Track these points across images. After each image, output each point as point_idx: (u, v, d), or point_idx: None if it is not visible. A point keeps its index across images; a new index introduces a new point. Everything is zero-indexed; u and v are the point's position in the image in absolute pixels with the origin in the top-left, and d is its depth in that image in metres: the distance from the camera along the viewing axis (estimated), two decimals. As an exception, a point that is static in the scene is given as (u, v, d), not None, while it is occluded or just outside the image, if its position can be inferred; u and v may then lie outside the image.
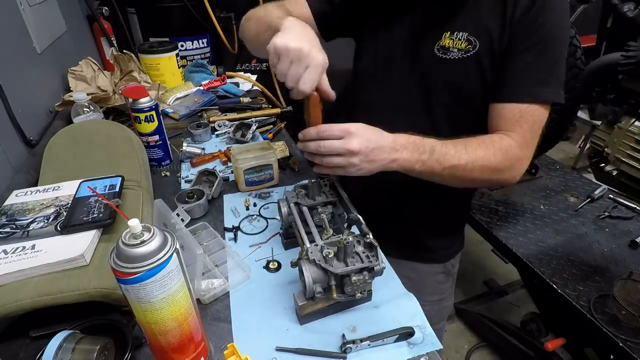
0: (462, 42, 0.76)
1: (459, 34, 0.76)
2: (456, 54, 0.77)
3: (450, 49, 0.77)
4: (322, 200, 0.76)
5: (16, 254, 0.65)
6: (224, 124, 1.34)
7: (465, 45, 0.76)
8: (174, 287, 0.49)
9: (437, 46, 0.79)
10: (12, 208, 0.76)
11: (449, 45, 0.77)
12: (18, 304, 0.61)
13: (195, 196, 0.93)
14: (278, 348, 0.63)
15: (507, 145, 0.75)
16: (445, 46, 0.78)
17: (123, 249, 0.45)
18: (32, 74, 1.16)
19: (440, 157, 0.71)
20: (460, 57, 0.77)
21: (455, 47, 0.77)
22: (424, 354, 0.63)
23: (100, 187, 0.80)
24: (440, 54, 0.79)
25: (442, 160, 0.71)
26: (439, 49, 0.79)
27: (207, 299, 0.71)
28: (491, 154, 0.74)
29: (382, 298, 0.72)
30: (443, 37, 0.78)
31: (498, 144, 0.75)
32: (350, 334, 0.65)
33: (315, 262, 0.62)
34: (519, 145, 0.75)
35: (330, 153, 0.66)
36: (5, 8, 1.06)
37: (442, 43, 0.78)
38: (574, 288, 1.21)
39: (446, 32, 0.78)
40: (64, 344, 0.54)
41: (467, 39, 0.76)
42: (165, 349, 0.54)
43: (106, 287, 0.63)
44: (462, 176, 0.73)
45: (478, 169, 0.73)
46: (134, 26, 1.89)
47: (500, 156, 0.74)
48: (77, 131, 1.00)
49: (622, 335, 1.05)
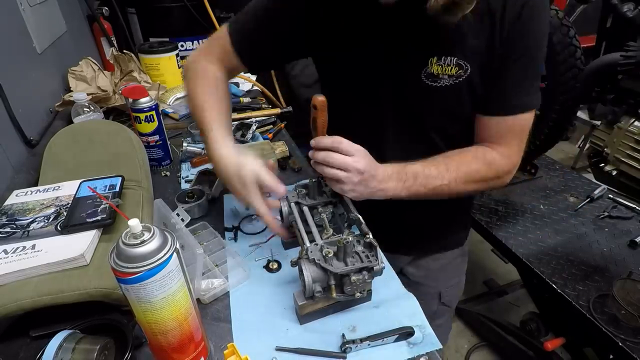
0: (452, 67, 0.70)
1: (447, 59, 0.70)
2: (447, 81, 0.71)
3: (439, 75, 0.71)
4: (323, 200, 0.76)
5: (16, 254, 0.66)
6: (224, 124, 1.34)
7: (456, 71, 0.70)
8: (174, 286, 0.49)
9: (424, 73, 0.72)
10: (12, 208, 0.76)
11: (438, 72, 0.71)
12: (18, 304, 0.61)
13: (195, 196, 0.93)
14: (278, 348, 0.63)
15: (491, 158, 0.75)
16: (433, 73, 0.71)
17: (123, 249, 0.46)
18: (33, 74, 1.16)
19: (424, 181, 0.72)
20: (452, 84, 0.71)
21: (445, 73, 0.71)
22: (423, 353, 0.63)
23: (101, 187, 0.80)
24: (429, 82, 0.72)
25: (426, 183, 0.72)
26: (427, 76, 0.72)
27: (207, 298, 0.71)
28: (475, 169, 0.74)
29: (382, 298, 0.72)
30: (430, 63, 0.71)
31: (482, 158, 0.75)
32: (350, 334, 0.65)
33: (315, 261, 0.62)
34: (504, 157, 0.75)
35: (339, 167, 0.67)
36: (6, 8, 1.06)
37: (430, 70, 0.71)
38: (574, 288, 1.21)
39: (432, 57, 0.70)
40: (64, 344, 0.54)
41: (457, 64, 0.70)
42: (166, 349, 0.54)
43: (106, 287, 0.63)
44: (448, 193, 0.75)
45: (462, 184, 0.74)
46: (134, 26, 1.89)
47: (484, 169, 0.75)
48: (77, 131, 1.01)
49: (621, 335, 1.06)
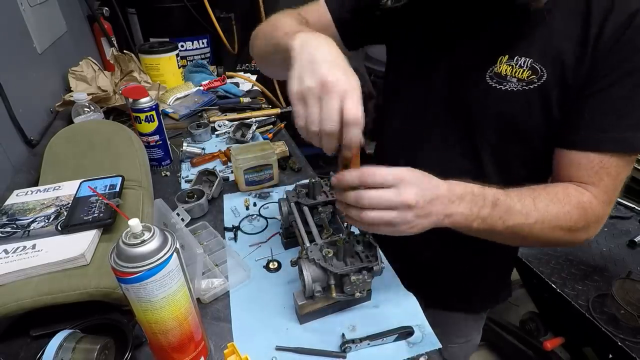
0: (525, 70, 0.60)
1: (521, 60, 0.61)
2: (515, 85, 0.62)
3: (507, 77, 0.62)
4: (323, 199, 0.76)
5: (17, 254, 0.66)
6: (224, 124, 1.34)
7: (528, 75, 0.60)
8: (174, 286, 0.49)
9: (490, 72, 0.63)
10: (12, 208, 0.76)
11: (507, 72, 0.62)
12: (19, 304, 0.61)
13: (195, 196, 0.93)
14: (278, 347, 0.63)
15: (587, 201, 0.60)
16: (501, 73, 0.62)
17: (123, 249, 0.46)
18: (33, 74, 1.16)
19: (503, 214, 0.57)
20: (521, 89, 0.61)
21: (514, 75, 0.61)
22: (423, 353, 0.63)
23: (101, 187, 0.80)
24: (493, 83, 0.63)
25: (505, 217, 0.57)
26: (492, 76, 0.63)
27: (207, 298, 0.71)
28: (566, 211, 0.59)
29: (382, 297, 0.72)
30: (499, 61, 0.62)
31: (575, 200, 0.60)
32: (349, 333, 0.65)
33: (314, 261, 0.62)
34: (600, 202, 0.61)
35: (379, 207, 0.51)
36: (6, 8, 1.06)
37: (497, 69, 0.63)
38: (573, 287, 1.21)
39: (504, 55, 0.62)
40: (64, 343, 0.54)
41: (531, 67, 0.60)
42: (166, 348, 0.54)
43: (106, 287, 0.64)
44: (526, 237, 0.60)
45: (548, 229, 0.59)
46: (134, 26, 1.89)
47: (576, 215, 0.60)
48: (77, 131, 1.01)
49: (620, 335, 1.06)
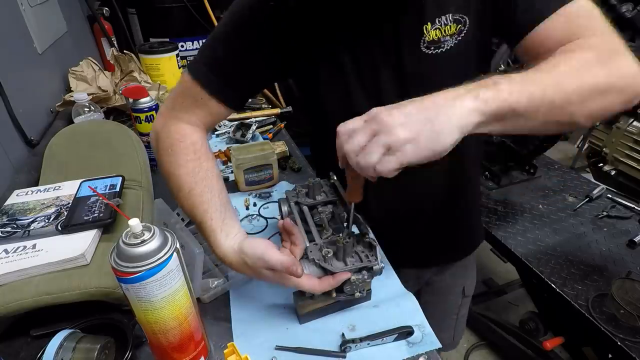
0: (450, 25, 0.62)
1: (443, 19, 0.62)
2: (450, 42, 0.63)
3: (441, 39, 0.63)
4: (323, 199, 0.76)
5: (17, 254, 0.66)
6: (224, 124, 1.34)
7: (456, 28, 0.62)
8: (174, 286, 0.50)
9: (423, 44, 0.64)
10: (13, 208, 0.77)
11: (438, 36, 0.63)
12: (19, 303, 0.61)
13: (195, 196, 0.93)
14: (278, 347, 0.63)
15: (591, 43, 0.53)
16: (434, 40, 0.63)
17: (123, 249, 0.46)
18: (33, 74, 1.17)
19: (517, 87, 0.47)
20: (457, 42, 0.63)
21: (446, 34, 0.62)
22: (423, 352, 0.63)
23: (101, 187, 0.80)
24: (431, 51, 0.64)
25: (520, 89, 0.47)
26: (428, 46, 0.64)
27: (207, 298, 0.71)
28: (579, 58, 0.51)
29: (382, 297, 0.72)
30: (426, 31, 0.63)
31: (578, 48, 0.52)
32: (349, 333, 0.65)
33: (314, 261, 0.62)
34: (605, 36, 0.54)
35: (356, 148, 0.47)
36: (6, 9, 1.07)
37: (428, 38, 0.63)
38: (573, 287, 1.21)
39: (427, 24, 0.62)
40: (64, 343, 0.54)
41: (454, 20, 0.62)
42: (166, 348, 0.54)
43: (107, 287, 0.64)
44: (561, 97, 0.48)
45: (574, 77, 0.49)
46: (135, 27, 1.89)
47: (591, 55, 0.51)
48: (77, 131, 1.01)
49: (620, 334, 1.06)
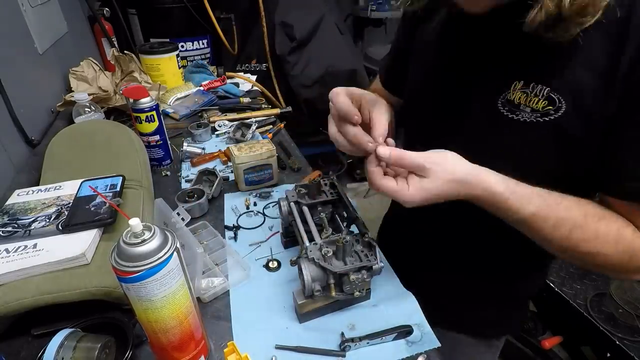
0: (540, 100, 0.53)
1: (537, 88, 0.53)
2: (529, 115, 0.54)
3: (520, 106, 0.55)
4: (322, 199, 0.76)
5: (18, 253, 0.66)
6: (224, 124, 1.34)
7: (543, 105, 0.53)
8: (174, 285, 0.50)
9: (502, 99, 0.57)
10: (14, 207, 0.77)
11: (520, 100, 0.55)
12: (20, 303, 0.61)
13: (195, 195, 0.93)
14: (277, 346, 0.63)
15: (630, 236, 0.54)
16: (514, 101, 0.55)
17: (124, 248, 0.46)
18: (34, 75, 1.17)
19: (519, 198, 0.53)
20: (534, 121, 0.54)
21: (528, 104, 0.54)
22: (422, 352, 0.63)
23: (102, 187, 0.81)
24: (505, 111, 0.56)
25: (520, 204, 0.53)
26: (504, 103, 0.56)
27: (208, 297, 0.72)
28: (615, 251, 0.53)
29: (381, 297, 0.72)
30: (513, 87, 0.55)
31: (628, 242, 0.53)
32: (349, 332, 0.65)
33: (314, 260, 0.62)
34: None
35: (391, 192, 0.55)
36: (7, 9, 1.07)
37: (510, 96, 0.56)
38: (571, 287, 1.22)
39: (519, 81, 0.55)
40: (65, 342, 0.55)
41: (548, 97, 0.53)
42: (166, 347, 0.54)
43: (107, 286, 0.64)
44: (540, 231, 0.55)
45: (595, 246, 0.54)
46: (135, 27, 1.89)
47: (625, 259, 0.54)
48: (78, 131, 1.01)
49: (618, 334, 1.06)
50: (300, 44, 2.30)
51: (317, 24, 2.34)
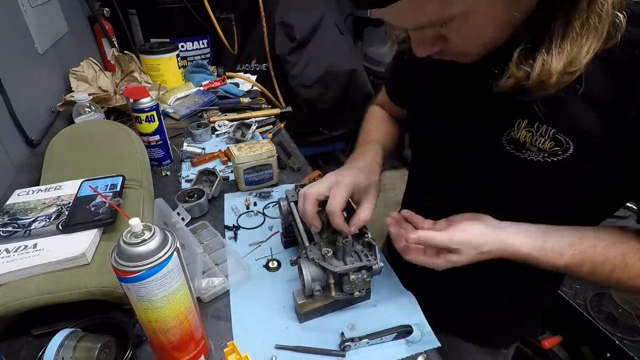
0: (547, 140, 0.51)
1: (543, 128, 0.52)
2: (535, 155, 0.53)
3: (527, 145, 0.53)
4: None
5: (18, 253, 0.66)
6: (224, 124, 1.34)
7: (550, 146, 0.51)
8: (174, 285, 0.50)
9: (507, 136, 0.55)
10: (14, 207, 0.77)
11: (526, 139, 0.53)
12: (20, 302, 0.61)
13: (195, 195, 0.94)
14: (277, 346, 0.63)
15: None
16: (519, 139, 0.54)
17: (124, 248, 0.46)
18: (34, 75, 1.17)
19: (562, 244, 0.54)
20: (542, 161, 0.52)
21: (534, 144, 0.52)
22: (422, 351, 0.63)
23: (102, 187, 0.81)
24: (510, 148, 0.55)
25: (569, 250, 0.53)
26: (509, 141, 0.55)
27: (208, 297, 0.72)
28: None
29: (381, 296, 0.72)
30: (517, 125, 0.53)
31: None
32: (349, 332, 0.65)
33: (314, 260, 0.62)
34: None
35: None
36: (7, 9, 1.07)
37: (515, 134, 0.54)
38: (571, 286, 1.22)
39: (523, 119, 0.53)
40: (65, 342, 0.55)
41: (554, 138, 0.51)
42: (166, 347, 0.54)
43: (107, 286, 0.64)
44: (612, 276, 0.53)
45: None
46: (135, 27, 1.89)
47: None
48: (78, 131, 1.01)
49: (618, 333, 1.06)
50: (300, 44, 2.30)
51: (317, 24, 2.34)
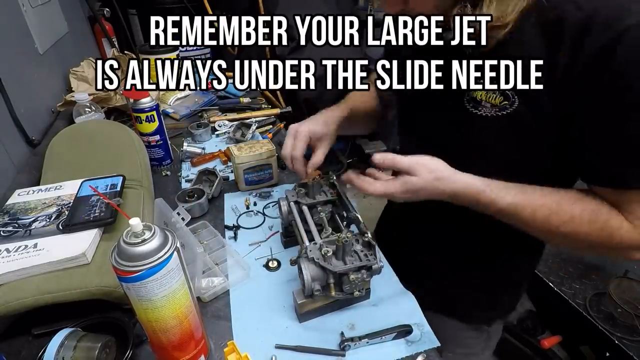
0: (497, 96, 0.59)
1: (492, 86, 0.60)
2: (489, 110, 0.60)
3: (482, 102, 0.61)
4: (322, 199, 0.76)
5: (18, 253, 0.66)
6: (224, 124, 1.35)
7: (500, 101, 0.59)
8: (174, 285, 0.50)
9: (467, 97, 0.63)
10: (14, 207, 0.77)
11: (482, 97, 0.61)
12: (20, 302, 0.62)
13: (195, 195, 0.94)
14: (277, 345, 0.63)
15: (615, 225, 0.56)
16: (476, 98, 0.62)
17: (124, 248, 0.46)
18: (34, 75, 1.17)
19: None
20: (495, 115, 0.60)
21: (488, 100, 0.60)
22: (421, 351, 0.63)
23: (102, 187, 0.81)
24: (470, 107, 0.62)
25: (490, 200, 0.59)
26: (469, 100, 0.63)
27: (208, 297, 0.72)
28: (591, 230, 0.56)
29: (381, 296, 0.73)
30: None
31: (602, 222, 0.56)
32: (348, 332, 0.65)
33: (314, 260, 0.62)
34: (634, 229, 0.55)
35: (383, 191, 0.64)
36: (8, 9, 1.07)
37: (473, 94, 0.62)
38: (570, 286, 1.22)
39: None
40: (65, 342, 0.55)
41: (502, 93, 0.59)
42: (166, 347, 0.55)
43: (107, 286, 0.64)
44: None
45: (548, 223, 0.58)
46: (135, 27, 1.89)
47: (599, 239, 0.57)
48: (78, 131, 1.01)
49: (617, 333, 1.07)
50: (300, 44, 2.29)
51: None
